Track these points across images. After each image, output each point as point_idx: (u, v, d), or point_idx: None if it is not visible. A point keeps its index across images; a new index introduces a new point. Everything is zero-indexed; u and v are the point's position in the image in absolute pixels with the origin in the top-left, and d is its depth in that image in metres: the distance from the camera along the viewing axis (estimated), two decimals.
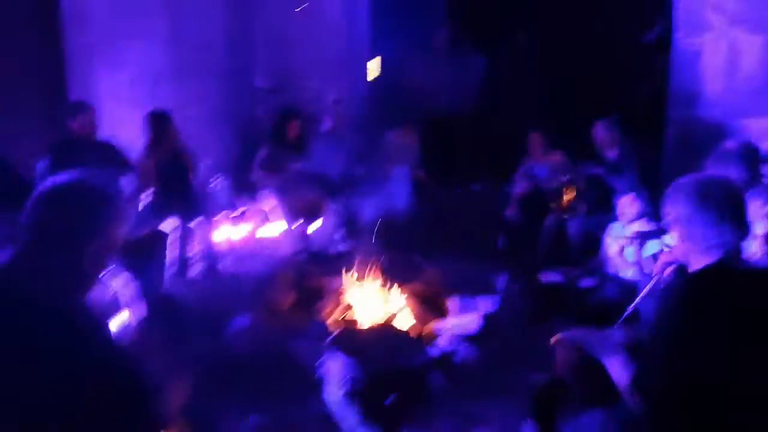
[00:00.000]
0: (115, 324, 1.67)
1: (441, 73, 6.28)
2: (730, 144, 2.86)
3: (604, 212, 3.97)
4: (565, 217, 4.28)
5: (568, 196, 4.29)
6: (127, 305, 2.07)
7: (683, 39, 4.88)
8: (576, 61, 6.19)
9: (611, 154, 4.43)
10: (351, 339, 2.18)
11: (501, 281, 3.89)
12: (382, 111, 5.99)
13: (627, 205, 3.54)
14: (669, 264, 1.81)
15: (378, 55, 7.32)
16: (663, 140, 4.95)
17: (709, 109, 4.78)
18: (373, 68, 7.55)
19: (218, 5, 5.77)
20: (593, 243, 3.96)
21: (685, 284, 1.60)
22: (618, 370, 1.65)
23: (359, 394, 1.92)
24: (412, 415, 2.13)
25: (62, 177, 1.39)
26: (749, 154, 2.69)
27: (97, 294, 1.49)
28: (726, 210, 1.57)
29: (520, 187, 4.71)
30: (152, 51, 5.10)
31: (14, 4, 4.26)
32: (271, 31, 6.11)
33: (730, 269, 1.57)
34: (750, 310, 1.54)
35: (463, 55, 6.39)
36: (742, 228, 1.59)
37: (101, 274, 1.43)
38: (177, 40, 5.37)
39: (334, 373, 1.95)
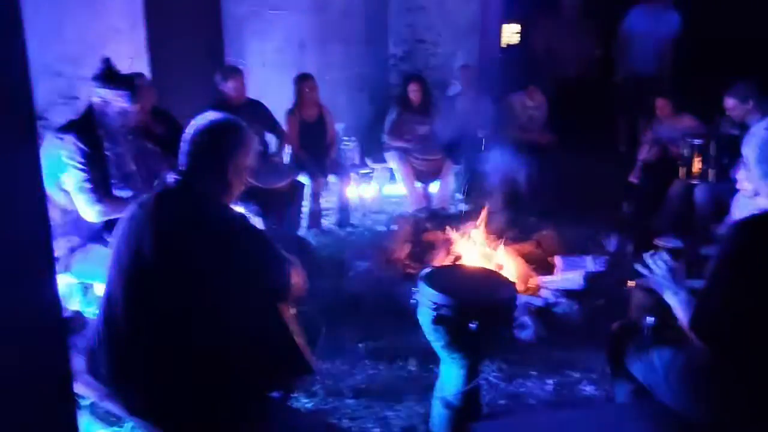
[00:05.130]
0: None
1: (572, 38, 6.15)
2: None
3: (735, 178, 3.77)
4: (693, 182, 4.11)
5: (697, 162, 4.11)
6: None
7: None
8: (716, 20, 5.74)
9: (751, 120, 4.15)
10: (442, 274, 2.41)
11: (612, 243, 3.88)
12: (514, 76, 6.02)
13: (743, 179, 3.30)
14: None
15: (512, 20, 7.29)
16: None
17: None
18: (509, 34, 7.52)
19: None
20: (721, 210, 3.79)
21: (743, 223, 1.65)
22: (680, 311, 1.74)
23: (444, 320, 2.15)
24: (496, 342, 2.32)
25: (207, 116, 1.86)
26: None
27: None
28: None
29: (646, 151, 4.57)
30: (297, 20, 5.56)
31: None
32: None
33: None
34: None
35: (594, 19, 6.19)
36: None
37: (241, 188, 1.86)
38: (320, 9, 5.79)
39: (424, 301, 2.20)
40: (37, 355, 1.14)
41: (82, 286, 2.86)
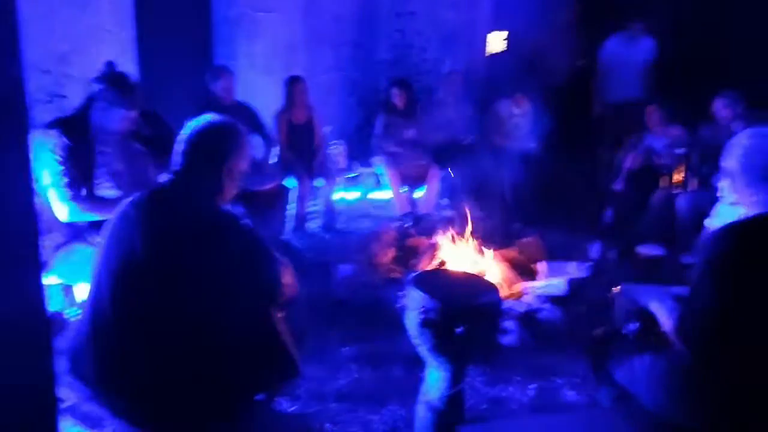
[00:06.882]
0: None
1: (563, 50, 6.19)
2: None
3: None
4: (675, 192, 4.18)
5: (680, 171, 4.18)
6: None
7: None
8: (700, 32, 5.84)
9: (737, 127, 4.22)
10: (429, 278, 2.43)
11: (595, 250, 3.93)
12: (501, 83, 6.06)
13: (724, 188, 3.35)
14: None
15: (504, 29, 7.34)
16: None
17: None
18: (496, 42, 7.58)
19: None
20: (702, 219, 3.85)
21: (727, 230, 1.68)
22: (664, 317, 1.78)
23: (431, 324, 2.16)
24: (481, 348, 2.34)
25: (205, 118, 1.88)
26: None
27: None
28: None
29: (631, 159, 4.63)
30: (288, 23, 5.55)
31: None
32: (394, 3, 6.35)
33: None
34: None
35: (587, 32, 6.24)
36: None
37: (234, 192, 1.86)
38: (311, 12, 5.78)
39: (411, 305, 2.22)
40: (21, 355, 1.14)
41: (62, 286, 2.82)
